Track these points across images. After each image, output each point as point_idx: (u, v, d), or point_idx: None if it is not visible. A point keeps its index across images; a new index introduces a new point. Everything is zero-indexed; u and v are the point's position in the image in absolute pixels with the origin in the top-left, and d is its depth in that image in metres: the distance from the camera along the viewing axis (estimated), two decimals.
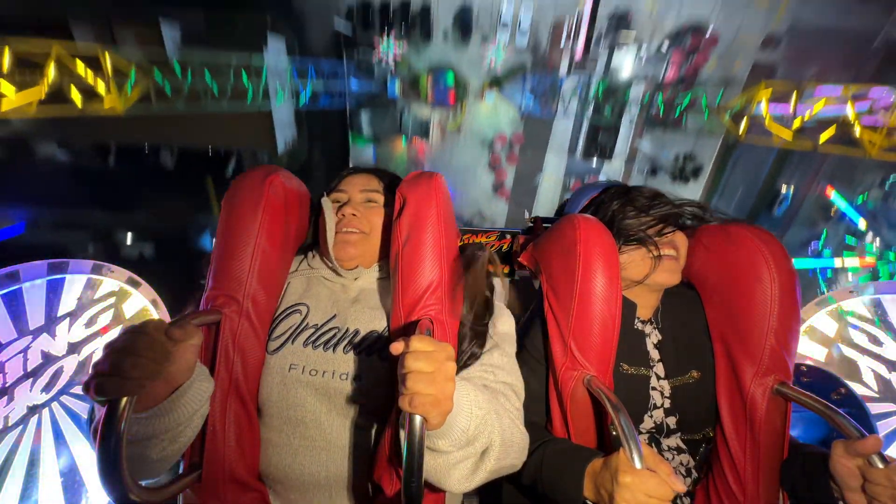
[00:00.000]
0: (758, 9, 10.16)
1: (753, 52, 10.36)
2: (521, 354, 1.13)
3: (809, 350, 2.20)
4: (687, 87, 10.54)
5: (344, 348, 0.97)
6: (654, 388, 1.09)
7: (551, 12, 11.20)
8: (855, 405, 1.97)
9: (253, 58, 8.22)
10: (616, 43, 10.81)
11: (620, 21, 10.67)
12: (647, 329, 1.14)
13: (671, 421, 1.08)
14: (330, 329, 1.00)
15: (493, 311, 1.05)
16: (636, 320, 1.13)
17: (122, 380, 0.66)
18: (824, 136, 7.20)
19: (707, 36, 10.58)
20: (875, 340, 2.13)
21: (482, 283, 1.04)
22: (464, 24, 11.73)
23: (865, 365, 2.13)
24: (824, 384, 2.03)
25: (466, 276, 1.02)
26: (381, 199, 1.12)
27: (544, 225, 1.59)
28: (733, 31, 10.46)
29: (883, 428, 2.07)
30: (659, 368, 1.10)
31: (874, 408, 2.05)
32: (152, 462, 0.82)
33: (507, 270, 1.78)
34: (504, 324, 1.05)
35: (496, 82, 11.89)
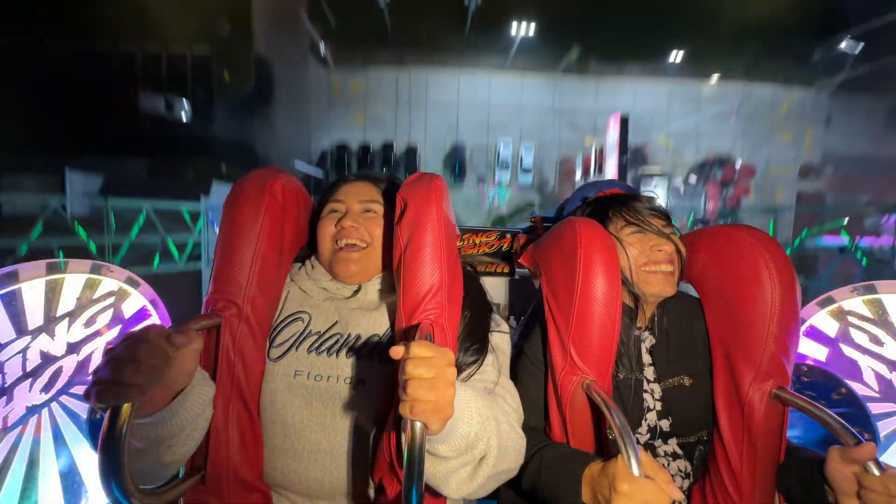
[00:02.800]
0: (783, 140, 10.22)
1: (794, 181, 10.35)
2: (520, 360, 1.14)
3: (810, 350, 2.20)
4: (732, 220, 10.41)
5: (346, 353, 0.99)
6: (645, 391, 1.09)
7: (556, 150, 10.81)
8: (856, 405, 1.97)
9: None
10: (642, 175, 10.47)
11: (637, 154, 10.30)
12: (644, 335, 1.14)
13: (664, 424, 1.08)
14: (332, 335, 1.01)
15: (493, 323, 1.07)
16: (633, 327, 1.13)
17: (123, 386, 0.67)
18: None
19: (738, 167, 10.60)
20: (876, 340, 2.12)
21: (483, 297, 1.08)
22: (456, 164, 10.94)
23: (866, 365, 2.13)
24: (825, 384, 2.03)
25: (469, 292, 1.04)
26: (380, 208, 1.11)
27: (545, 225, 1.59)
28: (763, 161, 10.62)
29: (883, 428, 2.06)
30: (649, 371, 1.11)
31: (875, 408, 2.04)
32: (161, 467, 0.83)
33: (507, 270, 1.78)
34: (500, 338, 1.06)
35: (500, 222, 11.05)
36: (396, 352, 0.69)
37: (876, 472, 0.80)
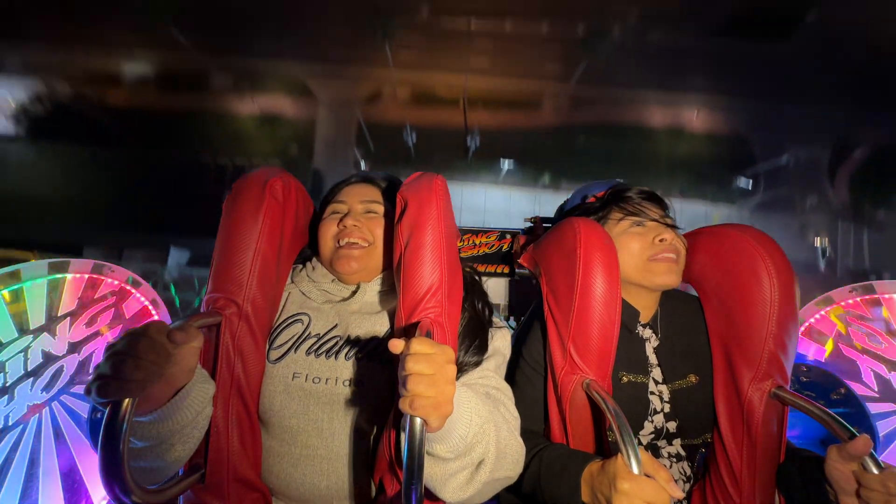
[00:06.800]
0: None
1: None
2: (518, 364, 1.13)
3: (809, 349, 2.20)
4: None
5: (346, 355, 0.98)
6: (652, 393, 1.08)
7: None
8: (855, 405, 1.97)
9: None
10: None
11: None
12: (647, 333, 1.13)
13: (671, 426, 1.07)
14: (332, 338, 1.00)
15: (493, 324, 1.06)
16: (637, 324, 1.13)
17: (123, 382, 0.66)
18: None
19: None
20: (875, 340, 2.13)
21: (484, 298, 1.07)
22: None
23: (865, 365, 2.13)
24: (824, 384, 2.03)
25: (470, 294, 1.04)
26: (381, 209, 1.11)
27: (544, 225, 1.58)
28: None
29: (883, 428, 2.06)
30: (656, 373, 1.10)
31: (874, 407, 2.04)
32: (162, 467, 0.82)
33: (507, 270, 1.78)
34: (501, 339, 1.05)
35: None
36: (396, 344, 0.69)
37: (875, 470, 0.79)
